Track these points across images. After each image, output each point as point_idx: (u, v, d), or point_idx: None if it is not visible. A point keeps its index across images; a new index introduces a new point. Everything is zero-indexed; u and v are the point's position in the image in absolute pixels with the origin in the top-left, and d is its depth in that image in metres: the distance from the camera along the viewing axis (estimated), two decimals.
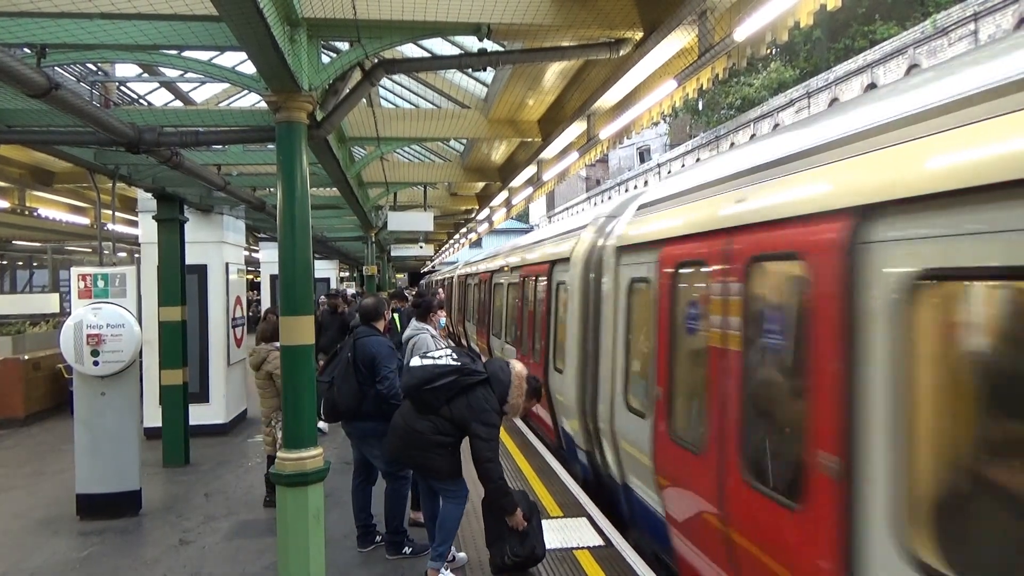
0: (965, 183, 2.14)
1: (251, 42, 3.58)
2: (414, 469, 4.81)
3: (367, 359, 5.13)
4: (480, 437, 4.34)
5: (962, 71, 2.46)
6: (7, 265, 24.55)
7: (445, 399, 4.44)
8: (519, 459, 7.69)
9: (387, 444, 4.69)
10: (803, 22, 4.17)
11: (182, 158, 6.05)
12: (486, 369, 4.60)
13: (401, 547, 5.26)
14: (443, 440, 4.46)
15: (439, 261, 40.69)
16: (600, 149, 8.03)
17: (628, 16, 4.83)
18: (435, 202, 15.27)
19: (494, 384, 4.54)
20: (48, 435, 10.09)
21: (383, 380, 5.08)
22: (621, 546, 5.17)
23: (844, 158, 2.84)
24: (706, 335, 3.92)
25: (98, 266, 6.63)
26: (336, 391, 5.11)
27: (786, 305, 3.29)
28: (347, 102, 5.14)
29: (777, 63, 34.21)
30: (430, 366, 4.52)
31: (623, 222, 5.93)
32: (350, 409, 5.12)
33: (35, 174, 10.20)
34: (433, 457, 4.48)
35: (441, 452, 4.47)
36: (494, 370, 4.62)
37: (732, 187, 3.82)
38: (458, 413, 4.42)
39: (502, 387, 4.56)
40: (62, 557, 5.54)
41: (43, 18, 4.13)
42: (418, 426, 4.46)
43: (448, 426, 4.44)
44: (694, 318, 4.19)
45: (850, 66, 26.12)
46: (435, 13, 4.46)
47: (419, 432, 4.45)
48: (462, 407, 4.42)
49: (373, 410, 5.07)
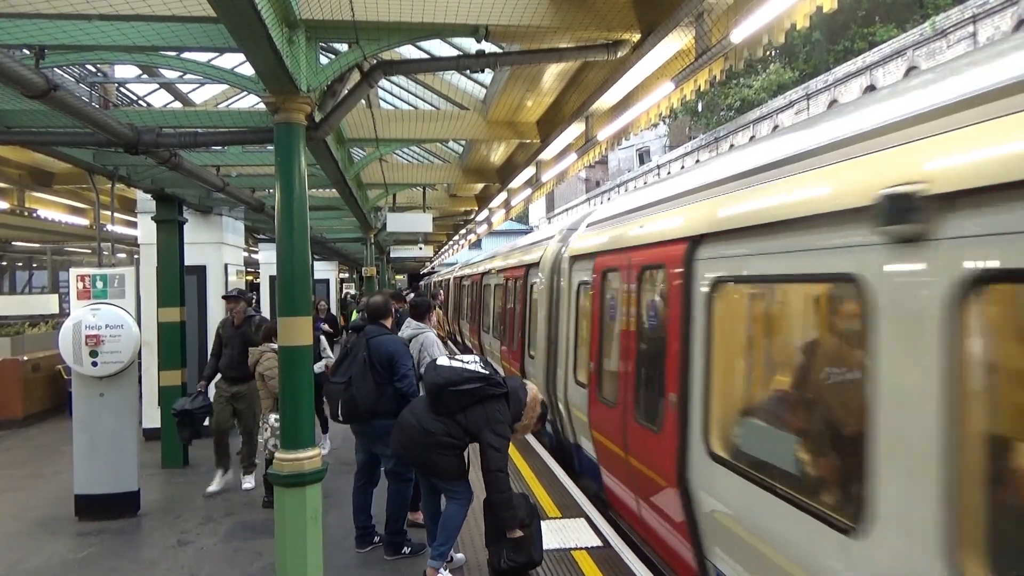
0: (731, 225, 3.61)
1: (249, 44, 3.59)
2: (419, 467, 4.79)
3: (384, 358, 5.14)
4: (493, 447, 4.36)
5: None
6: (6, 266, 24.55)
7: (465, 404, 4.45)
8: (518, 460, 7.69)
9: (393, 438, 4.69)
10: (799, 24, 4.18)
11: (181, 159, 6.06)
12: (506, 384, 4.64)
13: (400, 547, 5.27)
14: (452, 443, 4.47)
15: (439, 262, 40.68)
16: (598, 150, 8.05)
17: (625, 18, 4.84)
18: (434, 203, 15.27)
19: (512, 400, 4.58)
20: (47, 436, 10.09)
21: (402, 378, 5.11)
22: (619, 547, 5.17)
23: (689, 202, 4.29)
24: (617, 323, 5.49)
25: (97, 267, 6.64)
26: (355, 391, 5.09)
27: (658, 300, 4.72)
28: (345, 103, 5.15)
29: (776, 65, 34.26)
30: (459, 368, 4.54)
31: (576, 236, 7.27)
32: (369, 409, 5.11)
33: (34, 175, 10.22)
34: (439, 459, 4.49)
35: (448, 454, 4.48)
36: (514, 387, 4.68)
37: (639, 215, 5.28)
38: (472, 421, 4.43)
39: (519, 404, 4.62)
40: (60, 558, 5.54)
41: (41, 19, 4.14)
42: (430, 426, 4.46)
43: (459, 431, 4.45)
44: (611, 310, 5.72)
45: (849, 68, 26.16)
46: (433, 15, 4.47)
47: (430, 432, 4.45)
48: (478, 415, 4.43)
49: (390, 408, 5.06)
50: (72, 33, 4.29)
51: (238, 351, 7.03)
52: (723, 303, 3.72)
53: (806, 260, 2.90)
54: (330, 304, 21.20)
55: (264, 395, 6.56)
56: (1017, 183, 1.89)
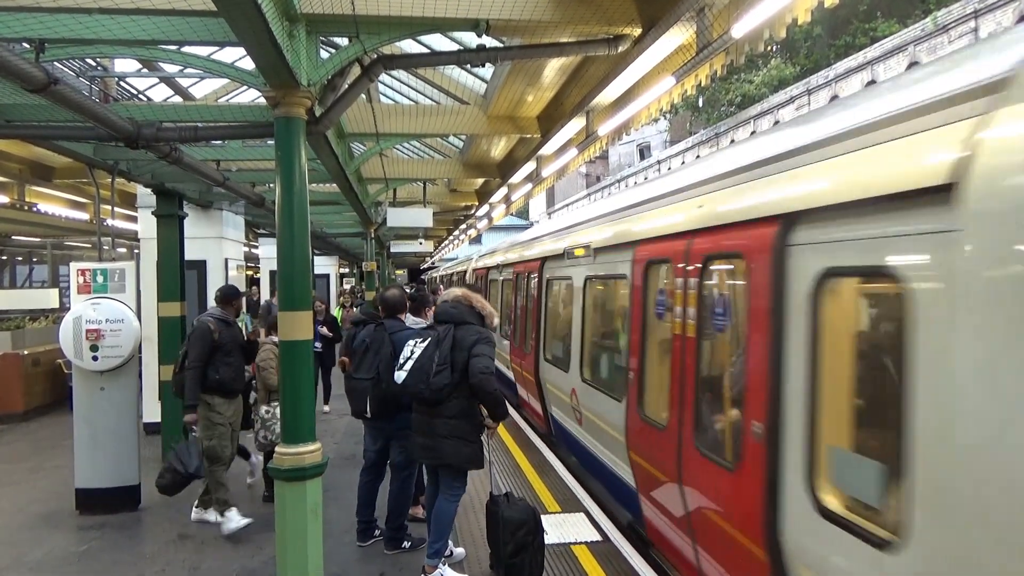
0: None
1: (249, 38, 3.58)
2: (438, 460, 4.70)
3: None
4: (480, 355, 4.44)
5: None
6: (7, 260, 24.56)
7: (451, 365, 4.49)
8: (518, 456, 7.71)
9: (415, 444, 4.71)
10: (801, 19, 4.17)
11: (181, 153, 6.05)
12: (445, 318, 4.71)
13: (400, 542, 5.28)
14: (461, 405, 4.50)
15: (439, 257, 40.66)
16: (599, 145, 8.04)
17: (627, 12, 4.83)
18: (434, 198, 15.26)
19: (465, 318, 4.67)
20: (47, 430, 10.11)
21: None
22: (618, 542, 5.19)
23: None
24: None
25: (97, 261, 6.64)
26: (385, 387, 5.03)
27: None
28: (346, 98, 5.14)
29: (777, 60, 34.16)
30: (418, 368, 4.54)
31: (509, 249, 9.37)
32: (398, 403, 5.09)
33: (34, 169, 10.22)
34: (457, 442, 4.51)
35: (465, 428, 4.52)
36: (447, 310, 4.76)
37: (531, 244, 6.75)
38: (460, 358, 4.48)
39: (472, 314, 4.73)
40: (61, 551, 5.56)
41: (41, 13, 4.13)
42: (445, 413, 4.50)
43: (461, 379, 4.48)
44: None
45: (850, 63, 26.10)
46: (434, 9, 4.46)
47: (452, 416, 4.50)
48: (460, 351, 4.50)
49: (411, 402, 5.07)
50: (72, 27, 4.28)
51: (240, 356, 6.11)
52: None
53: None
54: (329, 304, 18.06)
55: (260, 386, 6.53)
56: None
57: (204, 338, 5.80)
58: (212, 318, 5.98)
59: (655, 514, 4.69)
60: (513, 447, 8.08)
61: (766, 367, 3.14)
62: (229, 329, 6.05)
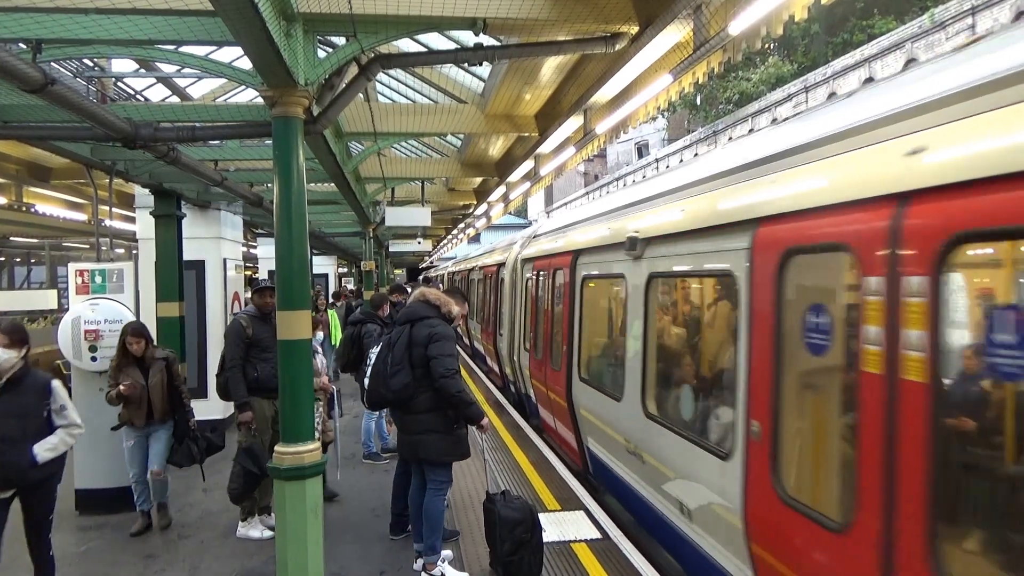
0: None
1: (247, 37, 3.58)
2: (419, 453, 4.77)
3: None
4: (440, 354, 4.52)
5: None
6: (5, 261, 24.53)
7: (411, 362, 4.59)
8: (517, 454, 7.72)
9: (399, 444, 4.81)
10: (798, 16, 4.18)
11: (179, 153, 6.05)
12: (402, 319, 4.80)
13: (406, 527, 5.37)
14: (435, 401, 4.59)
15: (437, 256, 40.67)
16: (597, 144, 8.05)
17: (624, 10, 4.83)
18: (433, 197, 15.27)
19: (419, 313, 4.75)
20: None
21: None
22: (618, 539, 5.20)
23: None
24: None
25: (96, 262, 6.63)
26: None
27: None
28: (343, 97, 5.14)
29: (775, 58, 34.17)
30: (376, 374, 4.67)
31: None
32: None
33: (32, 170, 10.21)
34: (432, 436, 4.62)
35: (435, 425, 4.61)
36: (415, 310, 4.82)
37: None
38: (417, 353, 4.58)
39: (427, 308, 4.79)
40: (61, 552, 5.53)
41: (38, 13, 4.13)
42: (415, 410, 4.60)
43: (424, 375, 4.58)
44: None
45: (848, 60, 26.10)
46: (431, 8, 4.46)
47: (422, 411, 4.60)
48: (417, 347, 4.59)
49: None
50: (69, 27, 4.28)
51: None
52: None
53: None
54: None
55: None
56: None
57: (236, 336, 5.68)
58: (245, 314, 5.87)
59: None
60: (512, 445, 8.08)
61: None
62: (264, 324, 5.73)
